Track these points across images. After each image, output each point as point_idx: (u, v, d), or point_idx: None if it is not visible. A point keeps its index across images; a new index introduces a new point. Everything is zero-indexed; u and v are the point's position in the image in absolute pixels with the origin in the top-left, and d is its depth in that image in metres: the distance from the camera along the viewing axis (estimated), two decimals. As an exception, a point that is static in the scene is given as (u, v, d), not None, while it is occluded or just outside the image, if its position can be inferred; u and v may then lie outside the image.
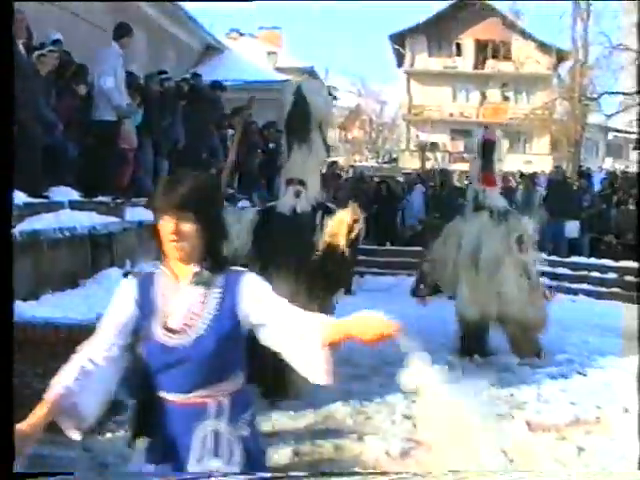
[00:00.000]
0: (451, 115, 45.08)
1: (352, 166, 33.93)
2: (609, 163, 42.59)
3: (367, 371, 8.09)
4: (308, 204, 7.19)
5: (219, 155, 13.32)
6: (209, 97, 13.51)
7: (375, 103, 63.44)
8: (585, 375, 8.51)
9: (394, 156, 48.61)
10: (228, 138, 13.73)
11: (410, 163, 39.38)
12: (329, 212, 6.96)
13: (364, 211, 7.16)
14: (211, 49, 25.77)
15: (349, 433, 6.31)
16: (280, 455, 5.59)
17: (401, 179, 23.80)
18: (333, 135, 61.26)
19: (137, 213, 9.62)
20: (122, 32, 9.91)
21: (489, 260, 9.02)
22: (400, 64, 46.77)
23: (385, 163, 45.68)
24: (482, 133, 9.75)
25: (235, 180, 13.96)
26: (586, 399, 7.44)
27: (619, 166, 36.17)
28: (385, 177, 22.69)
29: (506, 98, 44.96)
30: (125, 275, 6.08)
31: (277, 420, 6.45)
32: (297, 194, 7.18)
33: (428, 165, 33.85)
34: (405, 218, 18.23)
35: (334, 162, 22.37)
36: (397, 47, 45.48)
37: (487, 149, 9.43)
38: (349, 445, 6.04)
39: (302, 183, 7.22)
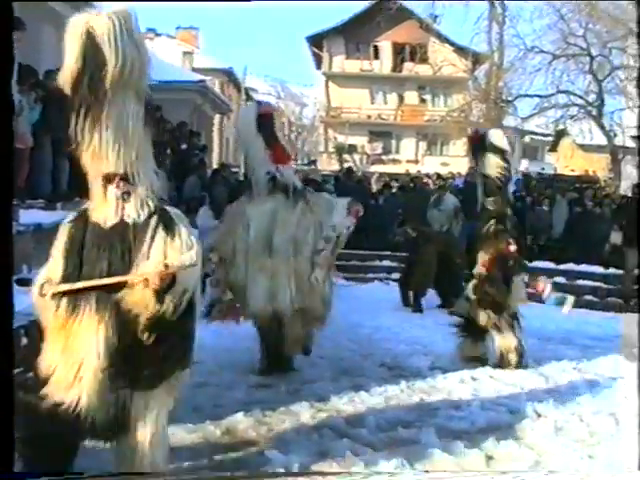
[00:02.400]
0: (369, 117, 45.09)
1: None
2: (525, 165, 43.09)
3: (271, 380, 7.75)
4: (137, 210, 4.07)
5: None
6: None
7: (294, 105, 63.29)
8: (498, 379, 8.31)
9: (312, 158, 48.42)
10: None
11: (328, 165, 39.23)
12: (167, 224, 4.09)
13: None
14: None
15: (250, 446, 5.94)
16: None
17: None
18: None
19: (32, 216, 9.08)
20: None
21: (283, 244, 7.86)
22: (318, 66, 46.63)
23: (304, 165, 45.37)
24: (255, 107, 8.40)
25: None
26: (500, 404, 7.24)
27: (535, 168, 36.64)
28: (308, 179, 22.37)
29: (423, 100, 45.20)
30: (19, 283, 5.62)
31: (173, 434, 6.02)
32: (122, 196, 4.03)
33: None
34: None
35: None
36: (314, 49, 45.28)
37: (264, 124, 8.02)
38: (250, 459, 5.67)
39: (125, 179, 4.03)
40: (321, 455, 5.57)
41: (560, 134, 37.95)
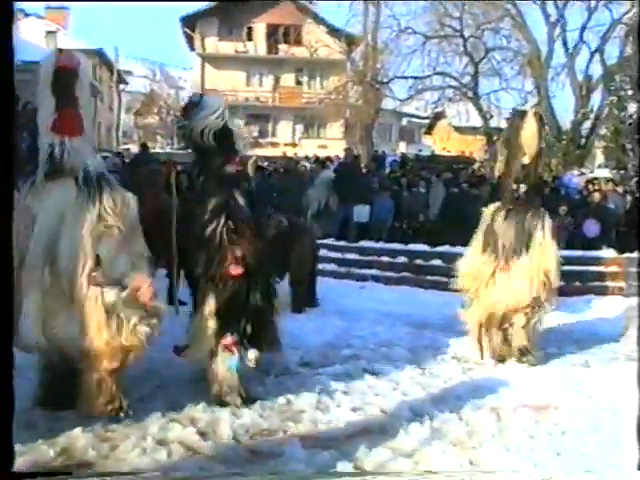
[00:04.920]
0: (246, 100, 44.11)
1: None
2: (403, 147, 43.15)
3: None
4: None
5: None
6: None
7: (170, 88, 61.76)
8: (373, 374, 7.68)
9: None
10: None
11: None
12: None
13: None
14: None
15: (86, 468, 5.07)
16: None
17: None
18: (127, 120, 59.18)
19: None
20: None
21: (69, 254, 5.64)
22: (192, 48, 45.35)
23: (180, 149, 44.10)
24: (54, 58, 6.00)
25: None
26: (372, 403, 6.60)
27: (412, 151, 36.61)
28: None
29: (299, 83, 44.54)
30: None
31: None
32: None
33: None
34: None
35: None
36: (187, 30, 43.97)
37: (61, 80, 5.90)
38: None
39: None
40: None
41: (437, 116, 38.03)
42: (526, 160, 8.46)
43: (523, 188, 8.44)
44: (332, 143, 39.68)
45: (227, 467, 5.10)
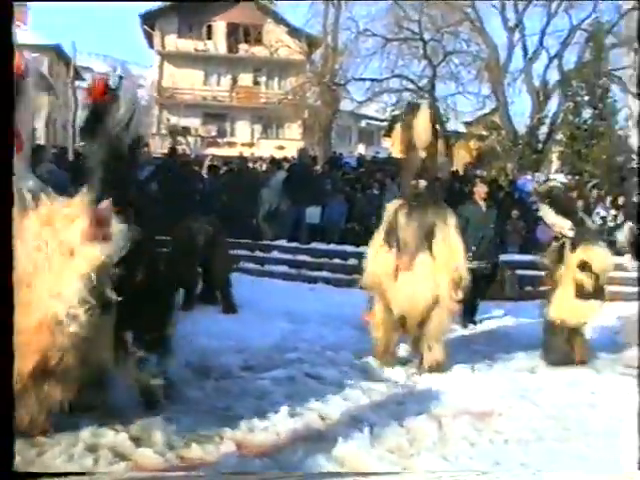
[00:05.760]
0: (204, 99, 43.74)
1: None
2: (362, 149, 43.06)
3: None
4: None
5: None
6: None
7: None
8: (315, 378, 7.55)
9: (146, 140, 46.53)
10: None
11: (161, 148, 37.69)
12: None
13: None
14: None
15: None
16: None
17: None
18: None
19: None
20: None
21: None
22: (151, 45, 44.81)
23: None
24: None
25: None
26: (312, 409, 6.45)
27: (371, 153, 36.55)
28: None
29: (257, 83, 44.26)
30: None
31: None
32: None
33: (179, 150, 32.47)
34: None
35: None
36: (146, 27, 43.44)
37: None
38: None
39: None
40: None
41: (395, 119, 37.89)
42: (422, 154, 8.08)
43: (423, 183, 8.07)
44: (290, 144, 39.49)
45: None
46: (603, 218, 18.00)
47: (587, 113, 27.03)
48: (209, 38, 43.89)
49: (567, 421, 6.60)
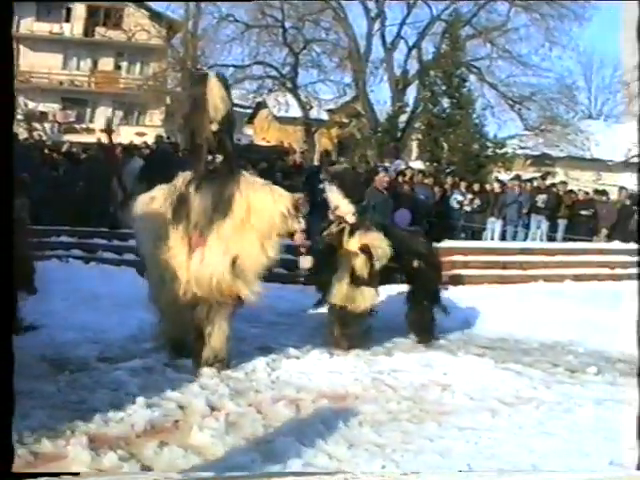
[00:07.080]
0: (61, 84, 42.41)
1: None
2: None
3: None
4: None
5: None
6: None
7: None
8: (173, 367, 7.47)
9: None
10: None
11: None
12: None
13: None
14: None
15: None
16: None
17: None
18: None
19: None
20: None
21: None
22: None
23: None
24: None
25: None
26: (169, 399, 6.38)
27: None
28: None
29: (119, 67, 43.29)
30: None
31: None
32: None
33: (35, 136, 31.49)
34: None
35: None
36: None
37: None
38: None
39: None
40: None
41: (258, 106, 37.97)
42: (214, 127, 7.30)
43: (219, 158, 7.38)
44: (151, 130, 38.83)
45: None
46: (460, 202, 18.61)
47: (445, 102, 27.73)
48: (67, 21, 42.53)
49: (422, 402, 6.80)
